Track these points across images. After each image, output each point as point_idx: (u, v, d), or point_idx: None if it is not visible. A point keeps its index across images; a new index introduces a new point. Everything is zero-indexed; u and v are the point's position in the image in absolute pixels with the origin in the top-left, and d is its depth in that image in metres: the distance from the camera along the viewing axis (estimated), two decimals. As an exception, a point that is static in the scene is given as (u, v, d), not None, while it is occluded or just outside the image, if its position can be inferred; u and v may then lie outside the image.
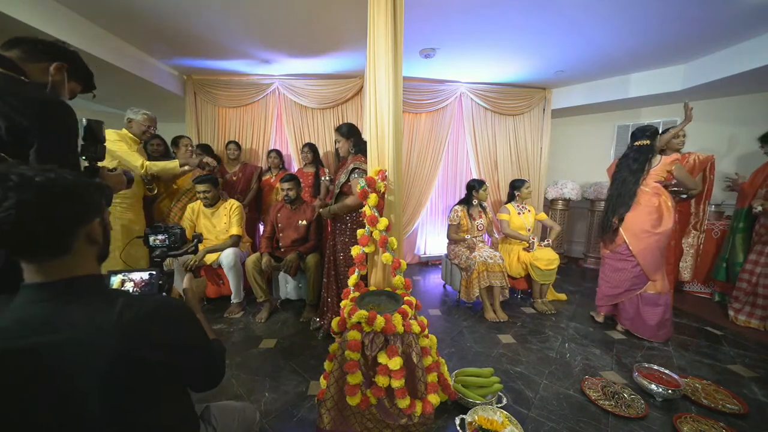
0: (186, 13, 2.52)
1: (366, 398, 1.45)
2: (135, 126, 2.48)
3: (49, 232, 0.61)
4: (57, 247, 0.63)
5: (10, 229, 0.56)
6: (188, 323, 0.75)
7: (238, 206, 2.84)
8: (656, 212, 2.39)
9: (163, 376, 0.69)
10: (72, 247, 0.64)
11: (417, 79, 4.05)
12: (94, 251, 0.71)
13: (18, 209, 0.56)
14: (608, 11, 2.50)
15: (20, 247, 0.60)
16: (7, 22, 2.11)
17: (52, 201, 0.60)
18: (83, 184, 0.66)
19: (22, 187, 0.57)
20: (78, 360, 0.59)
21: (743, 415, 1.63)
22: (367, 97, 1.76)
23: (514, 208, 3.16)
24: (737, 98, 3.70)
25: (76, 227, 0.64)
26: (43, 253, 0.62)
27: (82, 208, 0.66)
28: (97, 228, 0.69)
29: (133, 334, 0.63)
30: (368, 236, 1.71)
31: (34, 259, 0.62)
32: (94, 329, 0.61)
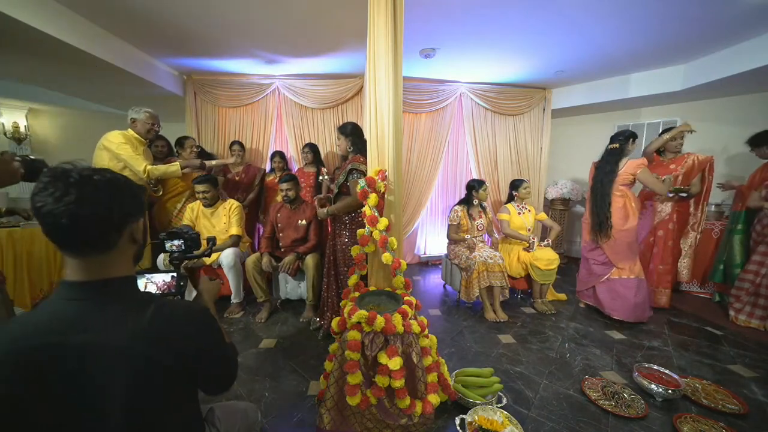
0: (186, 12, 2.52)
1: (366, 398, 1.45)
2: (139, 125, 2.49)
3: (101, 228, 0.64)
4: (104, 243, 0.66)
5: (67, 223, 0.60)
6: (214, 332, 0.76)
7: (237, 206, 2.84)
8: (622, 211, 2.67)
9: (183, 382, 0.70)
10: (116, 245, 0.67)
11: (417, 79, 4.05)
12: (133, 250, 0.74)
13: (77, 204, 0.60)
14: (608, 11, 2.49)
15: (72, 240, 0.63)
16: (7, 22, 2.11)
17: (109, 198, 0.64)
18: (134, 185, 0.72)
19: (82, 184, 0.61)
20: (104, 362, 0.61)
21: (743, 415, 1.63)
22: (367, 97, 1.76)
23: (514, 208, 3.16)
24: (737, 98, 3.70)
25: (124, 225, 0.68)
26: (91, 248, 0.65)
27: (132, 207, 0.70)
28: (140, 227, 0.73)
29: (161, 341, 0.64)
30: (368, 236, 1.71)
31: (80, 254, 0.65)
32: (123, 333, 0.62)
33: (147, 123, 2.50)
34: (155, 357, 0.63)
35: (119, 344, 0.61)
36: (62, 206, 0.59)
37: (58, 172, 0.62)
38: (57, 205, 0.59)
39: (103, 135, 2.47)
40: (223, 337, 0.80)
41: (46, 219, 0.60)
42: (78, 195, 0.60)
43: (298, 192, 2.83)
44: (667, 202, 3.00)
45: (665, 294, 3.00)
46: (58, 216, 0.59)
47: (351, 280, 1.80)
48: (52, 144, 5.09)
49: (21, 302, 2.61)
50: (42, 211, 0.60)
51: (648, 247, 3.11)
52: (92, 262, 0.66)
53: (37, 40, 2.38)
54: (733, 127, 3.73)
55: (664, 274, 3.01)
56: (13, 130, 4.63)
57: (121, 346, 0.61)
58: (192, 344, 0.69)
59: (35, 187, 0.62)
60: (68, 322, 0.62)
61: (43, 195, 0.60)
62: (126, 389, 0.61)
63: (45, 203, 0.60)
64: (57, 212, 0.59)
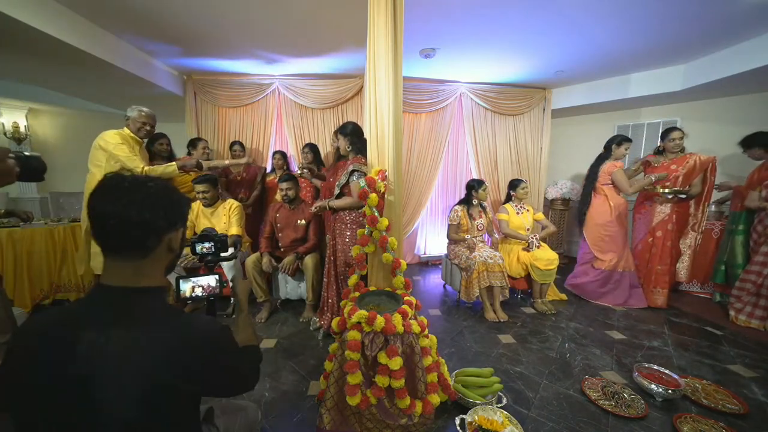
0: (186, 12, 2.52)
1: (366, 398, 1.44)
2: (131, 123, 2.50)
3: (143, 232, 0.67)
4: (143, 248, 0.69)
5: (116, 224, 0.64)
6: (229, 353, 0.76)
7: (237, 206, 2.84)
8: (601, 208, 3.13)
9: (190, 397, 0.71)
10: (154, 251, 0.70)
11: (417, 79, 4.05)
12: (168, 259, 0.76)
13: (126, 208, 0.64)
14: (608, 11, 2.49)
15: (115, 242, 0.67)
16: (7, 22, 2.11)
17: (155, 205, 0.68)
18: (182, 195, 0.76)
19: (134, 190, 0.66)
20: (118, 372, 0.61)
21: (743, 415, 1.63)
22: (367, 97, 1.76)
23: (512, 208, 3.16)
24: (737, 98, 3.70)
25: (165, 233, 0.71)
26: (130, 251, 0.68)
27: (176, 216, 0.73)
28: (178, 237, 0.76)
29: (174, 360, 0.64)
30: (368, 236, 1.71)
31: (120, 257, 0.68)
32: (141, 348, 0.63)
33: (138, 122, 2.50)
34: (167, 372, 0.63)
35: (136, 355, 0.62)
36: (113, 208, 0.64)
37: (116, 177, 0.67)
38: (109, 207, 0.64)
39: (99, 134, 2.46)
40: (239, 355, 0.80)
41: (97, 220, 0.65)
42: (128, 199, 0.64)
43: (298, 192, 2.83)
44: (666, 203, 3.00)
45: (662, 294, 3.00)
46: (107, 217, 0.64)
47: (351, 280, 1.80)
48: (52, 144, 5.09)
49: (21, 302, 2.61)
50: (95, 212, 0.65)
51: (646, 247, 3.11)
52: (129, 267, 0.69)
53: (37, 40, 2.38)
54: (733, 127, 3.73)
55: (661, 275, 3.01)
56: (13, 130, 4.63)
57: (137, 357, 0.62)
58: (205, 369, 0.69)
59: (94, 189, 0.66)
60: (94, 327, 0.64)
61: (98, 197, 0.65)
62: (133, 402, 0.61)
63: (98, 205, 0.65)
64: (108, 213, 0.64)
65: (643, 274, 3.13)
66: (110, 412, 0.61)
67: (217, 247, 1.24)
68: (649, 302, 3.03)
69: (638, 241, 3.18)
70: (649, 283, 3.06)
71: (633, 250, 3.22)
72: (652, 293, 3.04)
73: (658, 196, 2.98)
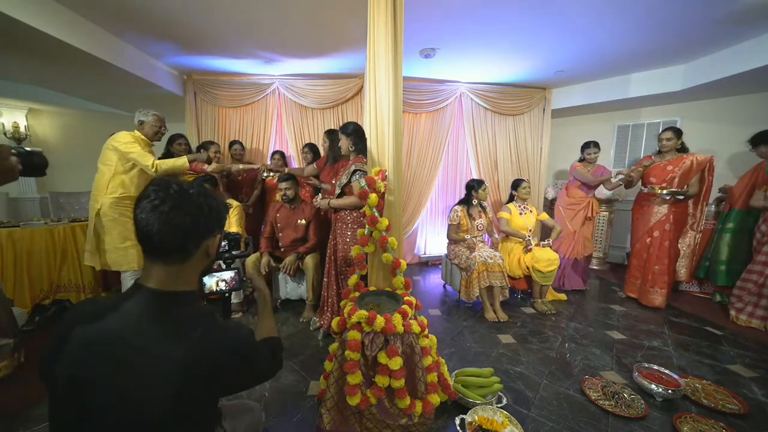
0: (186, 12, 2.52)
1: (366, 398, 1.44)
2: (147, 127, 2.50)
3: (184, 238, 0.70)
4: (183, 253, 0.72)
5: (159, 228, 0.66)
6: (254, 358, 0.77)
7: (237, 206, 2.86)
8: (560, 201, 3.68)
9: (209, 401, 0.72)
10: (192, 256, 0.73)
11: (417, 79, 4.05)
12: (204, 264, 0.79)
13: (169, 214, 0.67)
14: (608, 11, 2.49)
15: (157, 246, 0.69)
16: (7, 22, 2.11)
17: (198, 212, 0.71)
18: (222, 203, 0.78)
19: (179, 196, 0.69)
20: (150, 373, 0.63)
21: (743, 415, 1.63)
22: (367, 97, 1.76)
23: (515, 208, 3.15)
24: (737, 98, 3.70)
25: (203, 239, 0.74)
26: (170, 255, 0.71)
27: (216, 222, 0.76)
28: (215, 243, 0.79)
29: (201, 365, 0.66)
30: (368, 236, 1.71)
31: (159, 259, 0.71)
32: (169, 349, 0.65)
33: (155, 125, 2.52)
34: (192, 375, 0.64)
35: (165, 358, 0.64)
36: (156, 214, 0.66)
37: (161, 183, 0.70)
38: (153, 213, 0.66)
39: (111, 135, 2.47)
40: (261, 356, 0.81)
41: (141, 224, 0.67)
42: (172, 205, 0.67)
43: (297, 191, 2.83)
44: (663, 204, 2.99)
45: (661, 294, 2.99)
46: (151, 223, 0.66)
47: (351, 280, 1.80)
48: (52, 144, 5.09)
49: (21, 302, 2.61)
50: (139, 216, 0.67)
51: (644, 247, 3.10)
52: (168, 271, 0.71)
53: (37, 40, 2.38)
54: (733, 127, 3.73)
55: (659, 275, 2.99)
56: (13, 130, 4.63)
57: (166, 360, 0.64)
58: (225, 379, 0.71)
59: (141, 193, 0.69)
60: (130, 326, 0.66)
61: (144, 203, 0.68)
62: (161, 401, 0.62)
63: (143, 210, 0.67)
64: (151, 219, 0.66)
65: (641, 274, 3.13)
66: (139, 410, 0.62)
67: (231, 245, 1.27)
68: (647, 302, 3.03)
69: (636, 240, 3.17)
70: (647, 283, 3.05)
71: (631, 250, 3.24)
72: (649, 293, 3.03)
73: (655, 197, 2.98)
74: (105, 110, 4.78)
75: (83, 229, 2.89)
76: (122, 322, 0.66)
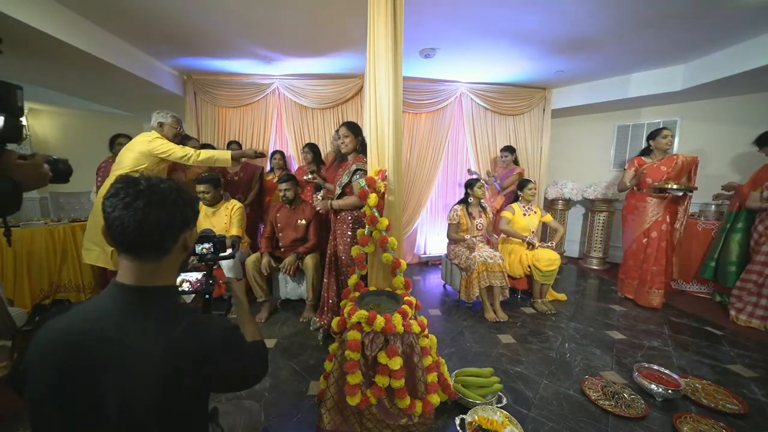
0: (186, 12, 2.52)
1: (366, 398, 1.44)
2: (167, 129, 2.51)
3: (162, 233, 0.68)
4: (161, 248, 0.70)
5: (136, 226, 0.64)
6: (240, 352, 0.77)
7: (239, 207, 2.86)
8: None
9: (199, 397, 0.72)
10: (170, 251, 0.72)
11: (417, 79, 4.05)
12: (183, 258, 0.78)
13: (145, 211, 0.65)
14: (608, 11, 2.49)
15: (135, 244, 0.67)
16: (7, 22, 2.11)
17: (172, 206, 0.69)
18: (192, 195, 0.76)
19: (150, 192, 0.66)
20: (129, 367, 0.62)
21: (743, 415, 1.63)
22: (367, 97, 1.76)
23: (519, 209, 3.14)
24: (737, 98, 3.70)
25: (180, 232, 0.72)
26: (148, 252, 0.69)
27: (190, 215, 0.75)
28: (193, 235, 0.78)
29: (187, 359, 0.65)
30: (368, 236, 1.71)
31: (138, 257, 0.69)
32: (154, 345, 0.64)
33: (174, 127, 2.54)
34: (180, 371, 0.64)
35: (150, 353, 0.63)
36: (131, 212, 0.64)
37: (129, 180, 0.67)
38: (126, 210, 0.64)
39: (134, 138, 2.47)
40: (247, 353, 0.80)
41: (114, 223, 0.65)
42: (147, 202, 0.65)
43: (297, 192, 2.83)
44: (660, 204, 2.99)
45: (658, 294, 2.98)
46: (126, 220, 0.64)
47: (351, 280, 1.80)
48: (52, 144, 5.09)
49: (21, 302, 2.61)
50: (111, 215, 0.65)
51: (641, 248, 3.08)
52: (146, 267, 0.69)
53: (38, 40, 2.38)
54: (733, 127, 3.73)
55: (657, 275, 2.99)
56: (13, 130, 4.63)
57: (151, 355, 0.63)
58: (216, 365, 0.70)
59: (107, 191, 0.67)
60: (112, 325, 0.65)
61: (114, 200, 0.65)
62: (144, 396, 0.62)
63: (115, 208, 0.65)
64: (126, 217, 0.64)
65: (637, 275, 3.11)
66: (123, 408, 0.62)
67: (216, 247, 1.26)
68: (645, 303, 3.01)
69: (631, 241, 3.14)
70: (645, 284, 3.03)
71: (626, 251, 3.21)
72: (648, 294, 3.01)
73: (664, 198, 2.96)
74: (105, 110, 4.78)
75: (83, 229, 2.89)
76: (102, 322, 0.65)
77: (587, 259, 4.54)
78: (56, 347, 0.64)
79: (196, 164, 2.50)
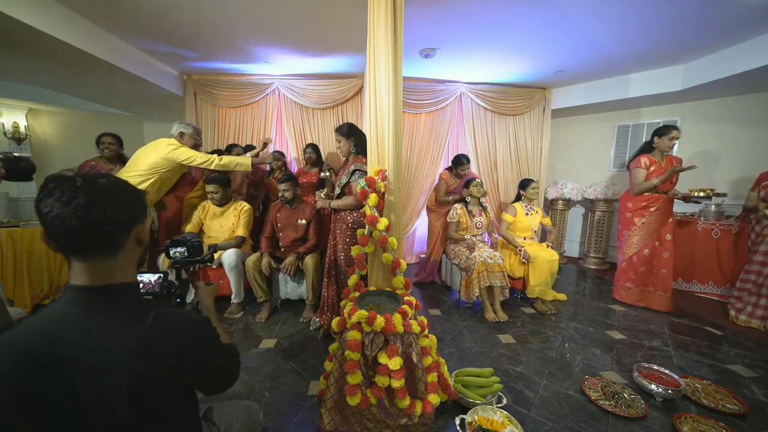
0: (186, 12, 2.52)
1: (366, 398, 1.45)
2: (187, 139, 2.64)
3: (110, 229, 0.65)
4: (112, 245, 0.66)
5: (78, 225, 0.60)
6: (212, 342, 0.76)
7: (248, 209, 2.89)
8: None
9: (180, 388, 0.70)
10: (123, 246, 0.68)
11: (417, 79, 4.05)
12: (139, 252, 0.74)
13: (87, 207, 0.60)
14: (608, 11, 2.49)
15: (82, 243, 0.63)
16: (7, 22, 2.11)
17: (116, 200, 0.65)
18: (136, 188, 0.73)
19: (89, 188, 0.62)
20: (100, 368, 0.61)
21: (743, 415, 1.64)
22: (367, 97, 1.76)
23: (521, 208, 3.14)
24: (737, 98, 3.69)
25: (131, 226, 0.69)
26: (100, 250, 0.65)
27: (137, 207, 0.71)
28: (145, 229, 0.75)
29: (160, 349, 0.64)
30: (368, 236, 1.71)
31: (88, 257, 0.65)
32: (122, 341, 0.62)
33: (194, 138, 2.66)
34: (153, 364, 0.63)
35: (119, 351, 0.62)
36: (71, 209, 0.59)
37: (62, 178, 0.62)
38: (66, 208, 0.59)
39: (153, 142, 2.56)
40: (222, 347, 0.79)
41: (54, 223, 0.60)
42: (87, 198, 0.61)
43: (296, 192, 2.82)
44: (670, 204, 2.94)
45: (666, 298, 2.92)
46: (68, 219, 0.59)
47: (351, 280, 1.80)
48: (52, 144, 5.09)
49: (21, 302, 2.61)
50: (49, 216, 0.60)
51: (653, 251, 2.95)
52: (99, 266, 0.66)
53: (37, 40, 2.38)
54: (733, 127, 3.73)
55: (666, 277, 2.92)
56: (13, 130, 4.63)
57: (120, 352, 0.62)
58: (189, 354, 0.68)
59: (39, 193, 0.62)
60: (70, 327, 0.63)
61: (49, 201, 0.60)
62: (120, 398, 0.61)
63: (52, 208, 0.60)
64: (66, 215, 0.59)
65: (648, 281, 3.00)
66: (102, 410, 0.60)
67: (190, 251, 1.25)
68: (659, 307, 2.93)
69: (643, 245, 2.98)
70: (658, 288, 2.95)
71: (636, 255, 3.01)
72: (660, 297, 2.93)
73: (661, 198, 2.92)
74: (105, 110, 4.78)
75: (83, 229, 2.90)
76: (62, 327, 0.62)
77: (587, 259, 4.54)
78: (15, 360, 0.60)
79: (218, 168, 2.59)
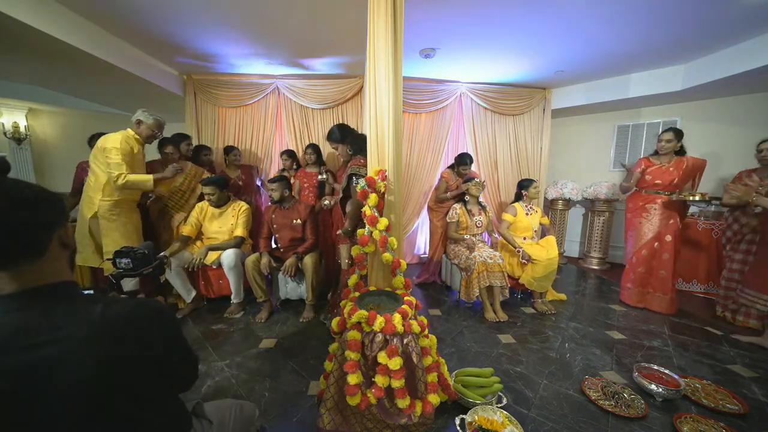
0: (186, 12, 2.52)
1: (366, 398, 1.45)
2: (143, 128, 2.52)
3: (28, 235, 0.63)
4: (34, 250, 0.65)
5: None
6: (169, 320, 0.77)
7: (246, 209, 2.89)
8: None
9: (147, 373, 0.69)
10: (47, 250, 0.66)
11: (417, 79, 4.04)
12: (66, 255, 0.73)
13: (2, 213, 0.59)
14: (608, 11, 2.49)
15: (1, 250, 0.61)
16: (7, 22, 2.11)
17: (31, 206, 0.63)
18: (51, 192, 0.70)
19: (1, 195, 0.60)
20: (60, 360, 0.59)
21: (743, 415, 1.64)
22: (367, 97, 1.76)
23: (522, 208, 3.14)
24: (737, 98, 3.70)
25: (51, 230, 0.67)
26: (21, 257, 0.63)
27: (55, 212, 0.69)
28: (68, 232, 0.73)
29: (117, 332, 0.64)
30: (368, 236, 1.71)
31: (12, 265, 0.63)
32: (77, 329, 0.61)
33: (152, 129, 2.54)
34: (114, 350, 0.62)
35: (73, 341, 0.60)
36: None
37: None
38: None
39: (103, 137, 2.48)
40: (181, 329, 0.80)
41: None
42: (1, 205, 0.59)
43: (283, 193, 2.78)
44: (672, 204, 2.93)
45: (667, 299, 2.91)
46: None
47: (351, 280, 1.80)
48: (52, 144, 5.09)
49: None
50: None
51: (652, 253, 2.96)
52: (25, 272, 0.64)
53: (37, 40, 2.38)
54: (733, 127, 3.73)
55: (667, 279, 2.92)
56: (13, 130, 4.63)
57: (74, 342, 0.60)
58: (146, 333, 0.68)
59: None
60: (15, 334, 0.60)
61: None
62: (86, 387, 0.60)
63: None
64: None
65: (647, 282, 3.00)
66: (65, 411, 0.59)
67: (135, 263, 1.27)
68: (660, 309, 2.93)
69: (642, 246, 2.99)
70: (657, 290, 2.95)
71: (635, 255, 3.04)
72: (660, 299, 2.93)
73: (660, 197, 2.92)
74: (105, 110, 4.78)
75: (82, 229, 2.89)
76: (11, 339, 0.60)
77: (587, 259, 4.54)
78: None
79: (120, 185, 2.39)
